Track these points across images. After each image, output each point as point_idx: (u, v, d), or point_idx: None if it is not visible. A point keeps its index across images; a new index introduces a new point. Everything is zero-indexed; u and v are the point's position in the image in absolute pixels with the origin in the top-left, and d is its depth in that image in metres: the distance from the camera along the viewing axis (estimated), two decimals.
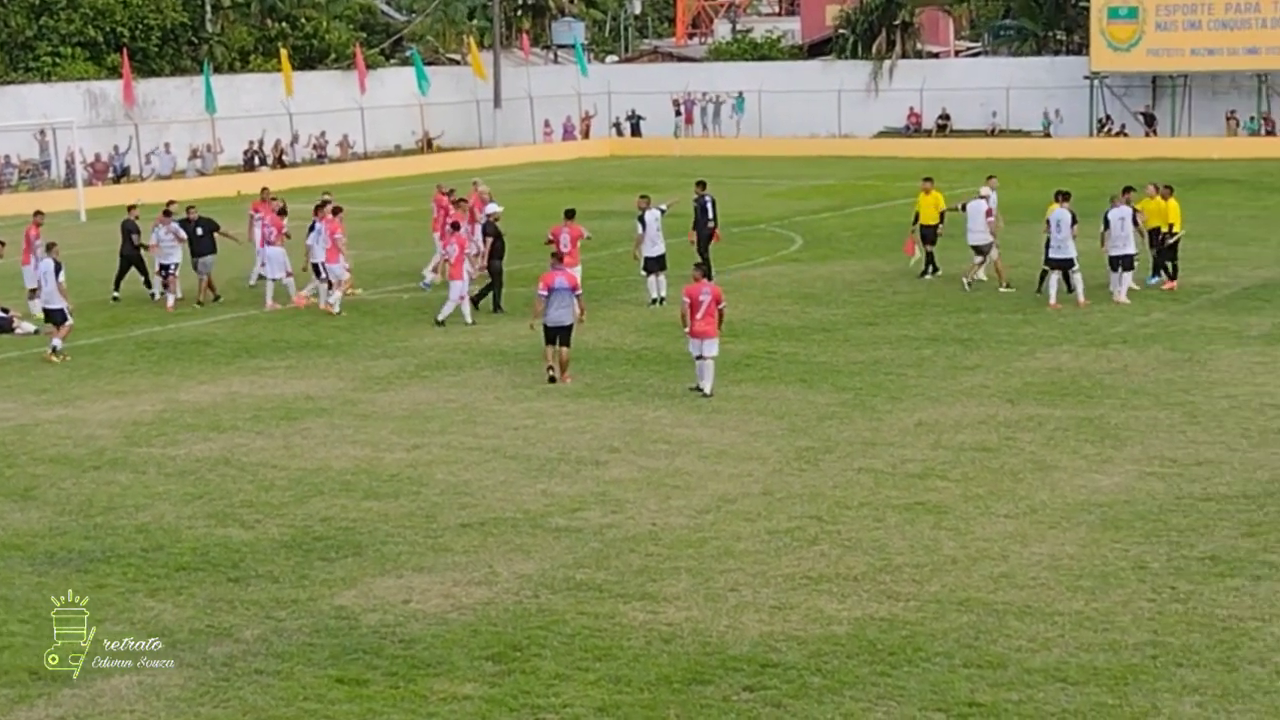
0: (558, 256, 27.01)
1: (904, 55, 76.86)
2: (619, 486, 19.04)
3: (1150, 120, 69.52)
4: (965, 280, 32.25)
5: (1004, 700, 12.67)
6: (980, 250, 32.35)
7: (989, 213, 32.16)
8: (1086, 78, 70.12)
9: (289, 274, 33.11)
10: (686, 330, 23.92)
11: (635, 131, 77.74)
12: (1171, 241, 31.75)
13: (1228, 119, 67.47)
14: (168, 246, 33.34)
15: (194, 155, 65.59)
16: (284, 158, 68.16)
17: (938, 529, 17.11)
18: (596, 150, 74.98)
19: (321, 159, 69.58)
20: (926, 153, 67.66)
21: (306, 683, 13.33)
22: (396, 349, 28.20)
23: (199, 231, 33.54)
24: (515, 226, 37.61)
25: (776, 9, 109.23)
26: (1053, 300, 30.11)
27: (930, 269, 34.30)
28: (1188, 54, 67.38)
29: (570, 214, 31.07)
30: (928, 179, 35.05)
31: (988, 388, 23.86)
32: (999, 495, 18.30)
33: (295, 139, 69.61)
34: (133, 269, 34.44)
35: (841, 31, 79.40)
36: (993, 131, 72.14)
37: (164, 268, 33.49)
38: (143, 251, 34.11)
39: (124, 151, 64.16)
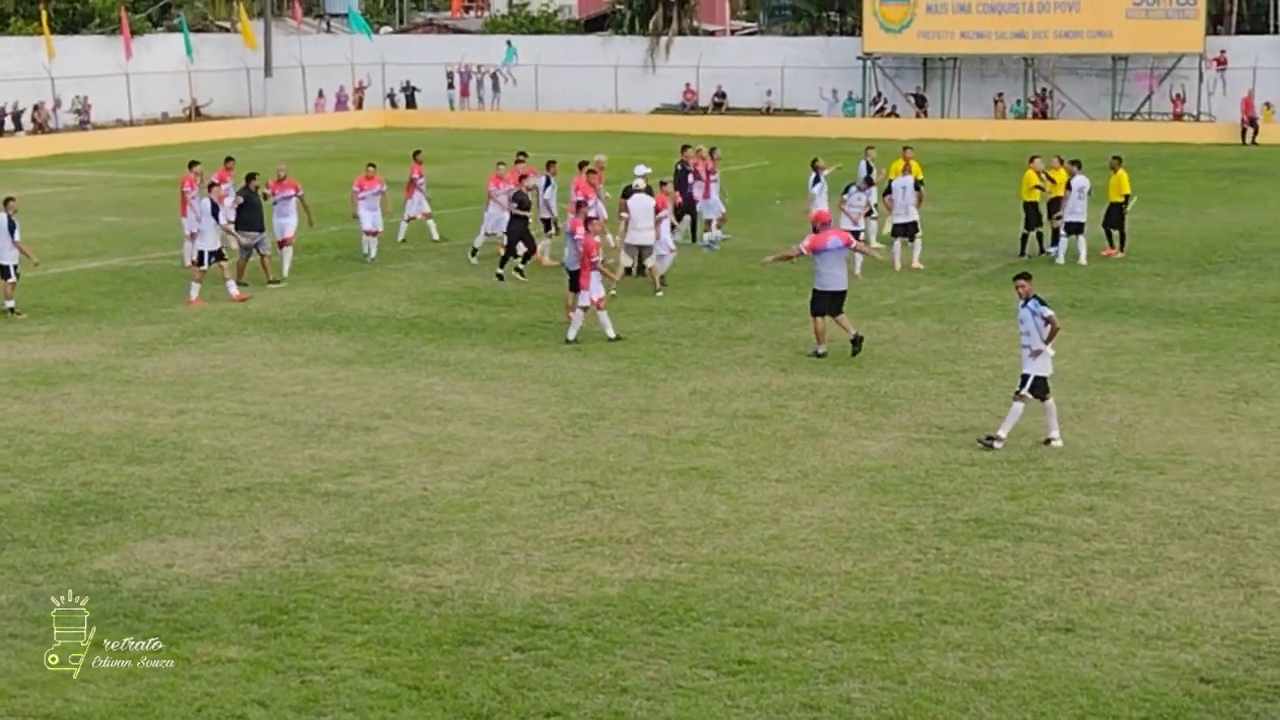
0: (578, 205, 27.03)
1: (680, 32, 77.17)
2: (390, 452, 18.78)
3: (921, 101, 70.79)
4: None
5: (773, 657, 12.73)
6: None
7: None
8: (859, 58, 71.12)
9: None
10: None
11: (410, 103, 76.93)
12: (1127, 210, 33.34)
13: (995, 101, 68.93)
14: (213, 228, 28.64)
15: None
16: (47, 123, 66.11)
17: (710, 493, 17.17)
18: (370, 121, 74.09)
19: (84, 125, 67.61)
20: (703, 130, 67.84)
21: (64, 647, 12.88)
22: (161, 315, 27.50)
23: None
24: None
25: None
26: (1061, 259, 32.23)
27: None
28: (957, 37, 68.71)
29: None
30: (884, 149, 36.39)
31: (761, 357, 24.05)
32: (771, 461, 18.44)
33: (57, 104, 67.55)
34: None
35: (619, 7, 79.46)
36: (768, 110, 72.80)
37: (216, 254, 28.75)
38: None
39: None
